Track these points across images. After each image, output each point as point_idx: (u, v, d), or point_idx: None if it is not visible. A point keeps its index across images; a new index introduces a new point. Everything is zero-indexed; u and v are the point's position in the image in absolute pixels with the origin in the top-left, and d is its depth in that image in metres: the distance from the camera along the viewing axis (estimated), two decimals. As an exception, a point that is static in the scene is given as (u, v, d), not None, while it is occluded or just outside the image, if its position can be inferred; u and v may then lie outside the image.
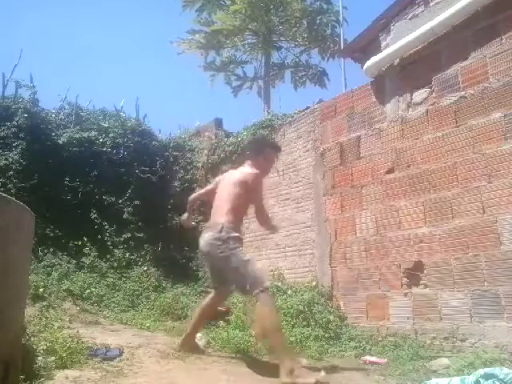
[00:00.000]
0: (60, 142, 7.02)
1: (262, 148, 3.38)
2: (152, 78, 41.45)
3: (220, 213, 3.07)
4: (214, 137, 7.54)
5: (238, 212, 3.08)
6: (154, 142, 7.87)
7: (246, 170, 3.21)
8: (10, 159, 6.49)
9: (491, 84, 3.77)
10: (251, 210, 3.27)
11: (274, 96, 14.26)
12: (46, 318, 3.84)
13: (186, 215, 3.65)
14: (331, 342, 4.01)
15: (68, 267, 5.92)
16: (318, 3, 13.75)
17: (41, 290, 4.78)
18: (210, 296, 3.35)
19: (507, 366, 2.54)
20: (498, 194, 3.58)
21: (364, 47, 5.08)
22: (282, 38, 14.36)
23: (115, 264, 6.35)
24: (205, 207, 4.01)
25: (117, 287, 5.89)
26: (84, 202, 6.83)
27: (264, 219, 3.32)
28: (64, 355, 2.64)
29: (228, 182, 3.20)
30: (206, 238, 3.06)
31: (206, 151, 7.39)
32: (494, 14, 3.80)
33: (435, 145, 4.10)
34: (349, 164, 4.89)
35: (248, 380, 2.73)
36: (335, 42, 13.33)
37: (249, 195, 3.11)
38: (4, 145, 6.63)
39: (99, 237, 6.60)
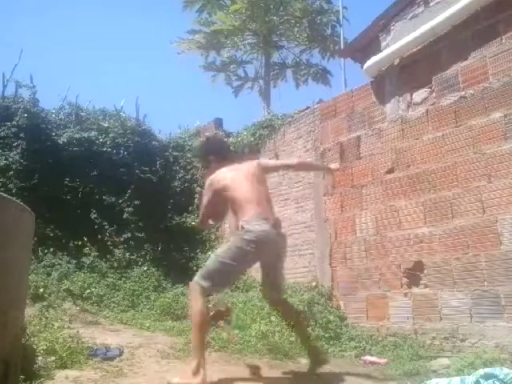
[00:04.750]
0: (60, 141, 7.01)
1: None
2: (152, 77, 41.42)
3: (269, 207, 2.87)
4: (214, 137, 7.53)
5: None
6: (154, 142, 7.87)
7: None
8: (10, 159, 6.49)
9: (491, 84, 3.77)
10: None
11: (274, 96, 14.28)
12: (46, 318, 3.84)
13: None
14: (331, 342, 4.01)
15: (68, 267, 5.92)
16: (318, 3, 13.75)
17: (41, 290, 4.79)
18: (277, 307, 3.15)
19: (507, 366, 2.54)
20: (498, 194, 3.58)
21: (364, 47, 5.08)
22: (282, 38, 14.36)
23: (115, 264, 6.35)
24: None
25: (117, 287, 5.89)
26: (84, 202, 6.82)
27: None
28: (64, 355, 2.65)
29: (251, 174, 2.93)
30: (272, 232, 2.71)
31: (206, 151, 7.38)
32: (494, 13, 3.80)
33: (435, 145, 4.10)
34: (349, 164, 4.89)
35: (248, 380, 2.73)
36: (335, 42, 13.33)
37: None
38: (4, 145, 6.63)
39: (99, 237, 6.59)
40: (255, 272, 5.71)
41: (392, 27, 4.71)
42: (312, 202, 5.29)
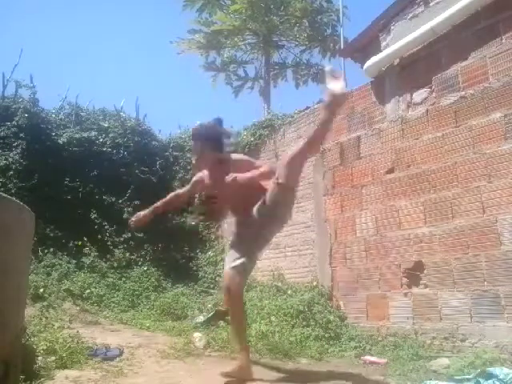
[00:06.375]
0: (60, 141, 7.02)
1: None
2: (152, 78, 41.42)
3: None
4: (214, 137, 7.53)
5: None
6: (154, 142, 7.87)
7: None
8: (10, 159, 6.49)
9: (491, 84, 3.77)
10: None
11: (275, 95, 14.28)
12: (46, 318, 3.85)
13: None
14: (331, 342, 4.01)
15: (68, 267, 5.93)
16: (318, 2, 13.74)
17: (41, 290, 4.79)
18: None
19: (507, 366, 2.54)
20: (498, 194, 3.58)
21: (364, 47, 5.08)
22: (282, 38, 14.36)
23: (115, 264, 6.35)
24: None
25: (117, 287, 5.89)
26: (84, 202, 6.82)
27: None
28: (64, 355, 2.65)
29: None
30: None
31: (206, 151, 7.38)
32: (494, 14, 3.80)
33: (435, 145, 4.10)
34: (349, 164, 4.89)
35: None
36: (335, 42, 13.33)
37: None
38: (4, 145, 6.63)
39: (99, 237, 6.59)
40: (254, 272, 5.72)
41: (392, 27, 4.71)
42: (312, 201, 5.29)
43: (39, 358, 2.42)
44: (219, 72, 14.65)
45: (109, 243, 6.61)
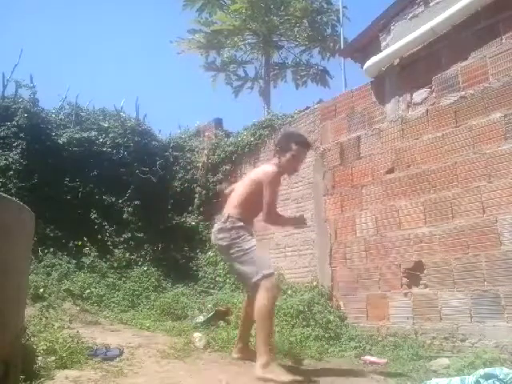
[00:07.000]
0: (60, 142, 7.01)
1: (288, 144, 3.09)
2: (152, 78, 41.46)
3: (230, 205, 3.04)
4: (214, 137, 7.55)
5: (249, 207, 2.98)
6: (154, 142, 7.87)
7: (266, 168, 3.08)
8: (10, 159, 6.48)
9: (491, 84, 3.77)
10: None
11: (275, 96, 14.27)
12: (46, 318, 3.84)
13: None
14: (331, 342, 4.01)
15: (68, 267, 5.92)
16: (318, 2, 13.74)
17: (41, 290, 4.79)
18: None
19: (507, 366, 2.54)
20: (498, 194, 3.58)
21: (364, 47, 5.08)
22: (282, 38, 14.35)
23: (115, 264, 6.35)
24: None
25: (117, 287, 5.89)
26: (84, 202, 6.82)
27: (273, 219, 3.09)
28: (64, 355, 2.65)
29: (247, 178, 3.18)
30: (213, 229, 3.11)
31: (205, 151, 7.40)
32: (494, 14, 3.80)
33: (435, 145, 4.10)
34: (349, 164, 4.89)
35: (247, 380, 2.72)
36: (335, 42, 13.33)
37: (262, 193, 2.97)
38: (4, 145, 6.63)
39: (99, 237, 6.59)
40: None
41: (392, 27, 4.71)
42: (312, 201, 5.29)
43: (39, 358, 2.42)
44: (219, 72, 14.64)
45: (109, 243, 6.61)
